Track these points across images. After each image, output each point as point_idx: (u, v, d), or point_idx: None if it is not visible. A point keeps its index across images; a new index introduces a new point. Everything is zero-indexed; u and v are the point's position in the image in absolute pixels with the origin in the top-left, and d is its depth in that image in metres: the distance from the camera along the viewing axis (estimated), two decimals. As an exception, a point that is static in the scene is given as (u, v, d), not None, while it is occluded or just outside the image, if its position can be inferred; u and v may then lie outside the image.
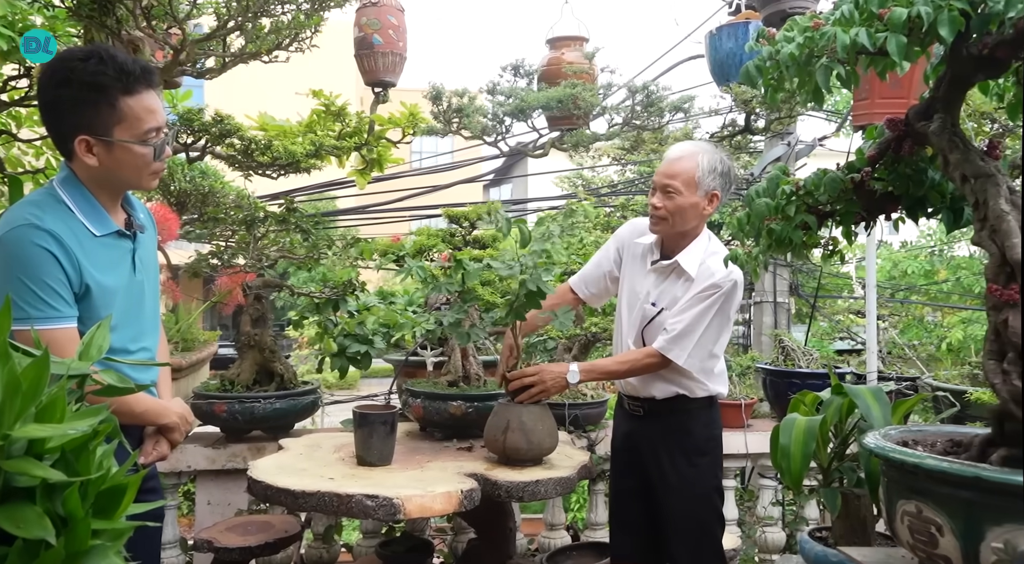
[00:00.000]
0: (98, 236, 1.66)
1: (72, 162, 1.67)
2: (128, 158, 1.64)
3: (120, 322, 1.69)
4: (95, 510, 0.90)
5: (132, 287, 1.74)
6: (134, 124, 1.63)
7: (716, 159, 2.29)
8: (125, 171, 1.66)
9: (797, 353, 3.47)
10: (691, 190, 2.26)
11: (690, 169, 2.26)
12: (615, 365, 2.35)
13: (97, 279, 1.64)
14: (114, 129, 1.61)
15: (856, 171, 1.68)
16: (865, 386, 1.83)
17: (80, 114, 1.59)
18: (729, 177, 2.34)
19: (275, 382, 3.04)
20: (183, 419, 1.84)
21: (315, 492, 1.96)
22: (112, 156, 1.63)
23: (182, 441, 1.89)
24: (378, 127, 3.10)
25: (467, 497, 2.03)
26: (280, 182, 3.72)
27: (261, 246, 3.19)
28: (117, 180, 1.69)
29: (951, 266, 12.73)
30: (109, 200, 1.71)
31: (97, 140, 1.61)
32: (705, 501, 2.37)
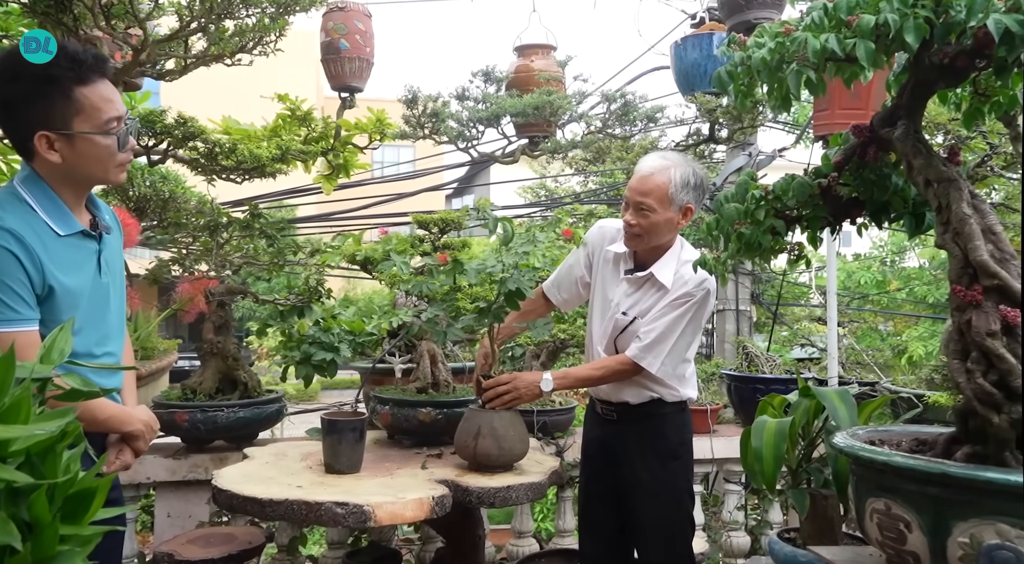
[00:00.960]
0: (62, 236, 1.61)
1: (33, 161, 1.61)
2: (92, 150, 1.59)
3: (84, 325, 1.64)
4: (62, 515, 0.87)
5: (97, 289, 1.69)
6: (93, 114, 1.57)
7: (688, 172, 2.27)
8: (90, 165, 1.60)
9: (761, 359, 3.52)
10: (665, 207, 2.24)
11: (663, 185, 2.23)
12: (588, 372, 2.35)
13: (60, 280, 1.59)
14: (73, 121, 1.56)
15: (823, 176, 1.71)
16: (832, 388, 1.87)
17: (35, 109, 1.53)
18: (702, 188, 2.33)
19: (239, 390, 2.98)
20: (148, 427, 1.79)
21: (283, 500, 1.92)
22: (75, 150, 1.57)
23: (147, 450, 1.84)
24: (345, 132, 3.08)
25: (438, 504, 2.00)
26: (241, 189, 3.66)
27: (224, 252, 3.13)
28: (82, 175, 1.63)
29: (902, 277, 13.10)
30: (74, 199, 1.66)
31: (57, 135, 1.55)
32: (677, 504, 2.38)
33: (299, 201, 7.12)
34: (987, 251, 1.35)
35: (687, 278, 2.26)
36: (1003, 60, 1.34)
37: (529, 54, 3.26)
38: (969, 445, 1.36)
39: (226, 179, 2.83)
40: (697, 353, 2.89)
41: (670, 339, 2.26)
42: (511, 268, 2.15)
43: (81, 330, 1.64)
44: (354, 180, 7.02)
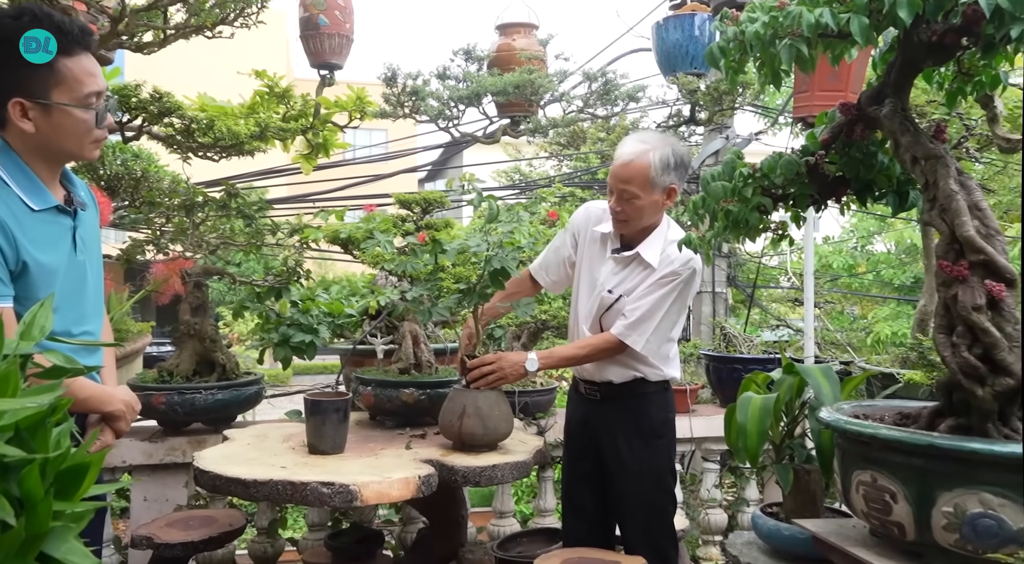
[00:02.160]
0: (36, 211, 1.56)
1: (5, 131, 1.56)
2: (68, 123, 1.54)
3: (61, 304, 1.58)
4: (55, 491, 0.85)
5: (73, 267, 1.65)
6: (73, 86, 1.53)
7: (668, 153, 2.25)
8: (65, 138, 1.56)
9: (738, 340, 3.56)
10: (647, 191, 2.24)
11: (643, 170, 2.23)
12: (573, 351, 2.35)
13: (35, 256, 1.54)
14: (52, 91, 1.51)
15: (810, 154, 1.72)
16: (815, 365, 1.89)
17: (14, 75, 1.48)
18: (684, 167, 2.32)
19: (216, 372, 2.94)
20: (129, 407, 1.76)
21: (268, 481, 1.89)
22: (50, 121, 1.53)
23: (127, 430, 1.81)
24: (324, 110, 3.03)
25: (424, 482, 2.00)
26: (214, 169, 3.59)
27: (200, 233, 3.07)
28: (56, 149, 1.58)
29: (871, 261, 13.34)
30: (47, 173, 1.61)
31: (33, 103, 1.50)
32: (660, 482, 2.41)
33: (271, 182, 7.02)
34: (973, 227, 1.37)
35: (673, 257, 2.27)
36: (991, 37, 1.36)
37: (511, 32, 3.23)
38: (953, 417, 1.39)
39: (203, 157, 2.77)
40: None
41: (655, 317, 2.27)
42: (496, 247, 2.14)
43: (58, 309, 1.59)
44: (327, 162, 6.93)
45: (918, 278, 12.29)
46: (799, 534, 1.75)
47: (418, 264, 2.08)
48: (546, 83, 2.87)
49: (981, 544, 1.25)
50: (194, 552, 2.41)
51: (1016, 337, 1.32)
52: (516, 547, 2.89)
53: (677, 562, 2.42)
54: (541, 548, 2.77)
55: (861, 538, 1.51)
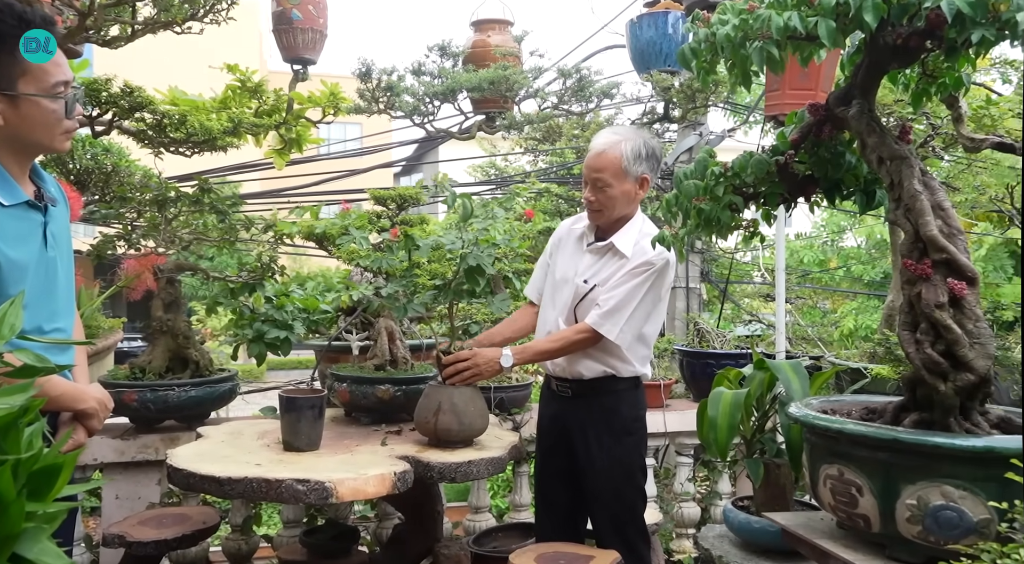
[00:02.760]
0: (6, 207, 1.54)
1: None
2: (37, 114, 1.52)
3: (31, 301, 1.56)
4: (28, 491, 0.84)
5: (44, 263, 1.63)
6: (40, 77, 1.51)
7: (640, 144, 2.32)
8: (34, 129, 1.53)
9: (711, 335, 3.60)
10: (620, 180, 2.30)
11: (615, 160, 2.29)
12: (547, 344, 2.36)
13: (5, 252, 1.52)
14: (18, 82, 1.49)
15: (780, 154, 1.75)
16: (785, 361, 1.93)
17: None
18: (655, 158, 2.37)
19: (190, 369, 2.91)
20: (102, 405, 1.74)
21: (242, 478, 1.89)
22: (19, 113, 1.50)
23: (100, 429, 1.79)
24: (297, 106, 3.01)
25: (400, 479, 2.01)
26: (186, 164, 3.55)
27: (173, 228, 3.04)
28: (26, 141, 1.56)
29: (841, 256, 13.55)
30: (17, 167, 1.59)
31: (1, 95, 1.48)
32: (630, 479, 2.43)
33: (244, 177, 6.96)
34: (936, 226, 1.40)
35: (647, 248, 2.30)
36: (953, 41, 1.39)
37: (486, 29, 3.23)
38: (917, 412, 1.43)
39: (174, 152, 2.74)
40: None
41: (629, 306, 2.29)
42: (471, 244, 2.14)
43: (28, 305, 1.57)
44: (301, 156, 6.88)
45: (887, 274, 12.53)
46: (769, 527, 1.78)
47: (393, 260, 2.08)
48: (521, 79, 2.87)
49: (943, 535, 1.29)
50: (167, 550, 2.39)
51: (977, 334, 1.36)
52: (492, 542, 2.91)
53: (649, 556, 2.45)
54: (516, 543, 2.79)
55: (828, 531, 1.55)
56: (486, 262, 2.07)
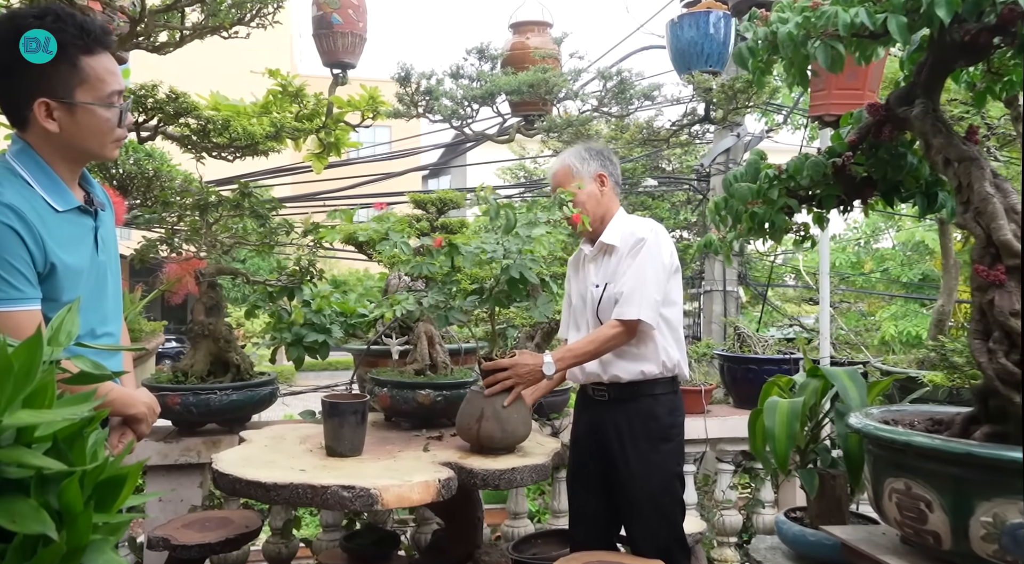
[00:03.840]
0: (60, 212, 1.55)
1: (27, 132, 1.55)
2: (92, 122, 1.54)
3: (85, 305, 1.53)
4: (94, 503, 0.83)
5: (95, 267, 1.64)
6: (96, 86, 1.53)
7: (579, 150, 2.50)
8: (88, 137, 1.55)
9: (753, 340, 3.54)
10: (577, 184, 2.41)
11: (565, 170, 2.46)
12: (585, 345, 2.33)
13: (61, 257, 1.52)
14: (76, 91, 1.51)
15: (836, 156, 1.70)
16: (841, 368, 1.87)
17: (39, 75, 1.48)
18: (604, 155, 2.52)
19: (231, 373, 2.93)
20: (151, 410, 1.74)
21: (288, 484, 1.88)
22: (74, 120, 1.52)
23: (148, 433, 1.79)
24: (337, 109, 3.01)
25: (444, 486, 1.99)
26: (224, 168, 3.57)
27: (214, 232, 3.06)
28: (79, 148, 1.58)
29: (876, 257, 13.30)
30: (68, 173, 1.60)
31: (58, 103, 1.50)
32: (667, 488, 2.39)
33: (276, 181, 7.01)
34: (1010, 230, 1.34)
35: (631, 231, 2.38)
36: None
37: (524, 31, 3.20)
38: (989, 425, 1.37)
39: (217, 157, 2.76)
40: (684, 335, 2.89)
41: (643, 284, 2.30)
42: (514, 254, 2.10)
43: (81, 310, 1.59)
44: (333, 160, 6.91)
45: (926, 276, 12.27)
46: (825, 540, 1.73)
47: (434, 265, 2.05)
48: (560, 82, 2.84)
49: (1022, 555, 1.23)
50: (210, 554, 2.40)
51: (1054, 343, 1.30)
52: (531, 549, 2.88)
53: None
54: (556, 550, 2.75)
55: (892, 546, 1.49)
56: (529, 272, 2.03)
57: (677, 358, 2.42)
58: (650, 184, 5.66)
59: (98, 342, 1.64)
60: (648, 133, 3.30)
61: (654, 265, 2.33)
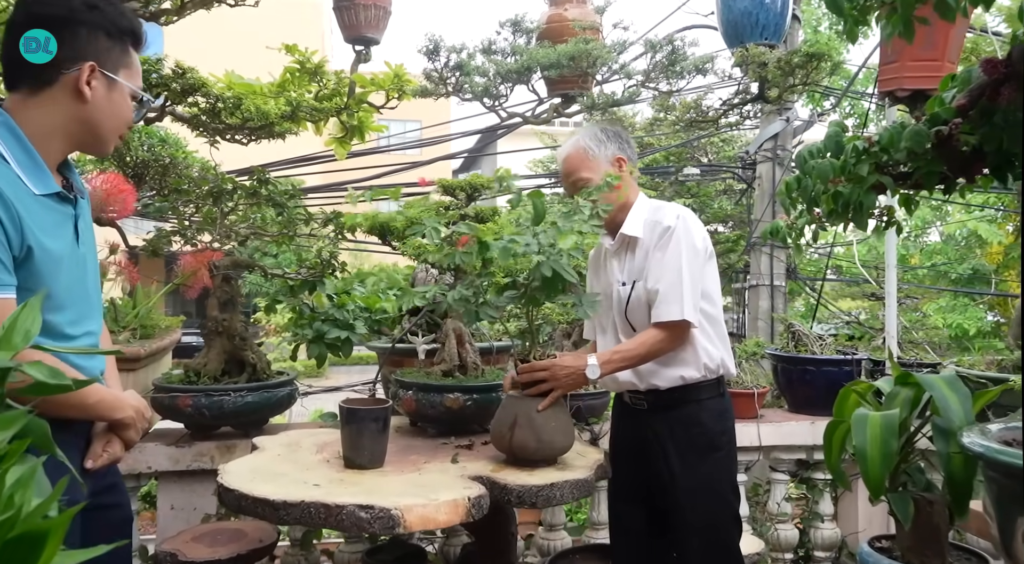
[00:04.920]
0: (37, 195, 1.40)
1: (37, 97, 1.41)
2: (122, 104, 1.51)
3: (66, 299, 1.43)
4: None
5: (76, 259, 1.49)
6: (134, 76, 1.54)
7: (595, 131, 2.26)
8: (110, 117, 1.49)
9: (809, 338, 3.25)
10: (594, 169, 2.20)
11: (581, 154, 2.23)
12: (635, 348, 2.09)
13: (41, 241, 1.38)
14: (120, 72, 1.49)
15: (941, 123, 1.43)
16: (939, 375, 1.60)
17: (98, 42, 1.45)
18: (620, 137, 2.28)
19: (246, 373, 2.73)
20: (139, 414, 1.58)
21: (299, 502, 1.67)
22: (109, 97, 1.47)
23: (138, 441, 1.62)
24: (359, 89, 2.79)
25: (475, 505, 1.76)
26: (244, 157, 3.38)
27: (230, 222, 2.87)
28: (93, 125, 1.48)
29: (925, 252, 12.79)
30: (52, 156, 1.46)
31: (103, 75, 1.45)
32: (720, 501, 2.14)
33: (304, 171, 6.84)
34: None
35: (657, 218, 2.15)
36: None
37: (563, 1, 2.94)
38: None
39: (230, 140, 2.56)
40: (729, 332, 2.63)
41: (679, 280, 2.06)
42: (548, 247, 1.85)
43: (64, 305, 1.44)
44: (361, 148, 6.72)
45: (976, 270, 11.75)
46: (925, 578, 1.47)
47: (468, 255, 1.82)
48: (604, 54, 2.57)
49: None
50: (221, 571, 2.21)
51: None
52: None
53: None
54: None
55: (1021, 595, 1.22)
56: (563, 269, 1.78)
57: (720, 357, 2.17)
58: (692, 172, 5.37)
59: (76, 343, 1.47)
60: (696, 114, 3.03)
61: (688, 255, 2.09)
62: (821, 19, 10.27)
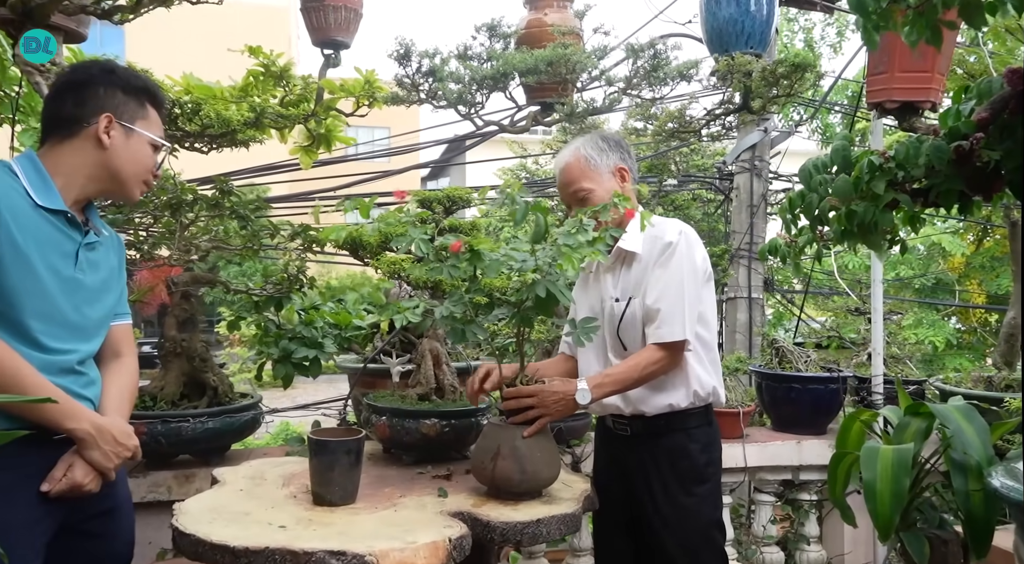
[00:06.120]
0: (39, 206, 1.52)
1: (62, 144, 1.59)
2: (141, 152, 1.66)
3: (39, 311, 1.51)
4: None
5: (67, 281, 1.57)
6: (153, 128, 1.69)
7: (595, 139, 2.14)
8: (130, 163, 1.64)
9: (794, 355, 3.17)
10: (596, 179, 2.08)
11: (582, 164, 2.09)
12: (627, 371, 1.96)
13: (14, 237, 1.46)
14: (137, 122, 1.66)
15: (962, 138, 1.34)
16: (953, 404, 1.50)
17: (113, 96, 1.63)
18: (621, 146, 2.16)
19: (207, 396, 2.56)
20: (102, 434, 1.55)
21: (262, 549, 1.51)
22: (127, 144, 1.63)
23: (110, 466, 1.59)
24: (328, 95, 2.64)
25: (456, 547, 1.62)
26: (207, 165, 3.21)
27: (189, 235, 2.69)
28: (115, 171, 1.63)
29: (889, 263, 12.97)
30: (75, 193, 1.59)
31: (120, 124, 1.62)
32: (705, 537, 2.03)
33: (269, 179, 6.61)
34: None
35: (656, 233, 2.02)
36: None
37: (542, 6, 2.81)
38: None
39: (190, 148, 2.39)
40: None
41: (683, 298, 1.95)
42: (546, 266, 1.72)
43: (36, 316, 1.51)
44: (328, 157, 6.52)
45: (940, 280, 11.92)
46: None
47: (458, 269, 1.68)
48: (584, 59, 2.46)
49: None
50: (176, 616, 2.03)
51: None
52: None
53: None
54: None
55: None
56: (558, 289, 1.66)
57: (712, 384, 2.06)
58: (669, 183, 5.30)
59: (57, 357, 1.54)
60: (678, 124, 2.93)
61: (689, 273, 1.98)
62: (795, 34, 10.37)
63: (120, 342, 1.79)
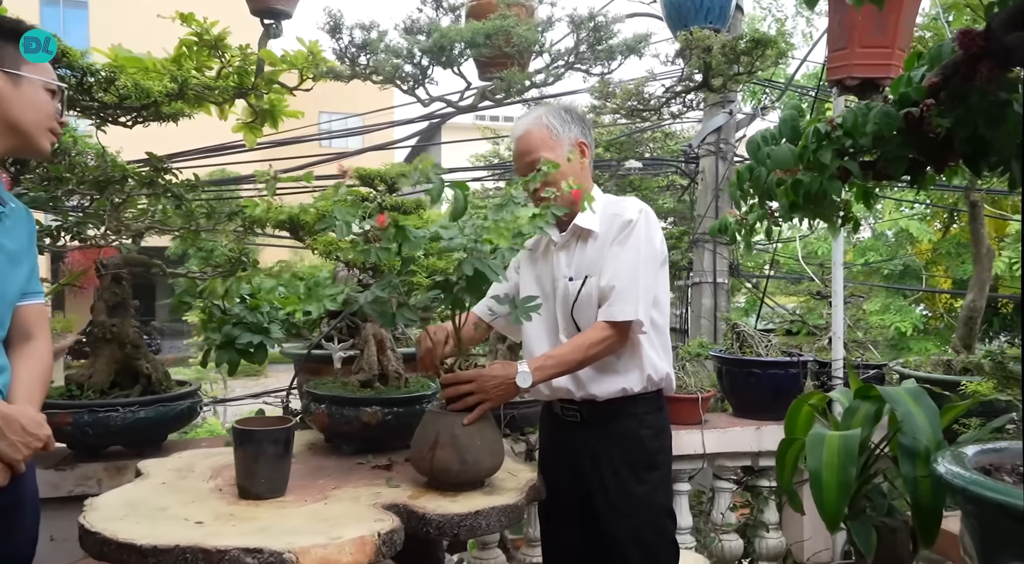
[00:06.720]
0: None
1: None
2: (36, 97, 1.55)
3: None
4: None
5: None
6: (42, 70, 1.57)
7: (559, 110, 2.06)
8: (28, 111, 1.53)
9: (755, 340, 3.11)
10: (556, 150, 1.98)
11: (543, 133, 2.00)
12: (571, 352, 1.88)
13: None
14: (22, 66, 1.53)
15: (912, 104, 1.26)
16: (902, 388, 1.43)
17: None
18: (583, 120, 2.08)
19: (139, 385, 2.43)
20: (15, 426, 1.46)
21: (172, 547, 1.40)
22: (19, 92, 1.52)
23: (18, 458, 1.48)
24: (269, 67, 2.51)
25: (386, 542, 1.52)
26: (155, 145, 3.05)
27: (123, 215, 2.55)
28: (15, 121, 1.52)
29: (857, 249, 13.02)
30: None
31: (3, 72, 1.50)
32: (656, 526, 1.97)
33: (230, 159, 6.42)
34: None
35: (616, 211, 1.96)
36: None
37: (493, -23, 2.72)
38: None
39: (113, 122, 2.25)
40: (672, 328, 2.46)
41: (638, 277, 1.88)
42: (473, 242, 1.63)
43: None
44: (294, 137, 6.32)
45: (907, 266, 12.01)
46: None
47: (386, 253, 1.58)
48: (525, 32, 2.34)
49: None
50: (98, 617, 1.92)
51: None
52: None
53: None
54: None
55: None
56: (487, 267, 1.56)
57: (665, 370, 1.99)
58: (634, 166, 5.22)
59: None
60: (637, 102, 2.84)
61: (646, 253, 1.91)
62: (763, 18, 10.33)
63: (32, 324, 1.67)
